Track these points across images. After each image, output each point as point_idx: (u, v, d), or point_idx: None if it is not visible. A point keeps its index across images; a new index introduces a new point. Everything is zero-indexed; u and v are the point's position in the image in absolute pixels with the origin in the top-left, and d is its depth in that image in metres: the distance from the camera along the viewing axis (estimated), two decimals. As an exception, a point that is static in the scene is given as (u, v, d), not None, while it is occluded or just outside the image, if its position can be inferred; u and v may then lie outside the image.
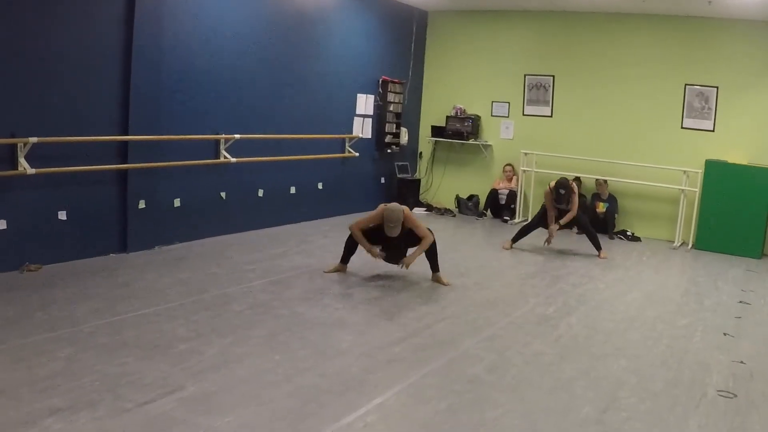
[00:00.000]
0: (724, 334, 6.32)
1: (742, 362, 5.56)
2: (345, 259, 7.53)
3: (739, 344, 6.07)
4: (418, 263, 7.36)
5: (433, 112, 13.07)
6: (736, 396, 4.83)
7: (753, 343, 6.13)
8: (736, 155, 10.68)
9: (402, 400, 4.38)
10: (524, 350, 5.51)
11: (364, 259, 7.58)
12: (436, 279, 7.42)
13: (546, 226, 9.56)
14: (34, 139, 6.44)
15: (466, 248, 9.50)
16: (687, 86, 11.07)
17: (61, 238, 6.99)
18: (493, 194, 12.33)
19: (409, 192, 12.52)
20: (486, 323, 6.15)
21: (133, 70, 7.39)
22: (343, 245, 7.52)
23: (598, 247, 9.55)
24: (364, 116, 11.56)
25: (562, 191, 9.29)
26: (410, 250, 7.35)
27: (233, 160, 8.76)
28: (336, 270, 7.49)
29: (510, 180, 12.34)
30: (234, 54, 8.75)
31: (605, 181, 11.46)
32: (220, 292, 6.43)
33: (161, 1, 7.63)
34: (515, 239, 9.65)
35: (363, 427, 3.94)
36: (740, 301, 7.63)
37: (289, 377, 4.58)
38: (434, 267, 7.43)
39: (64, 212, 6.98)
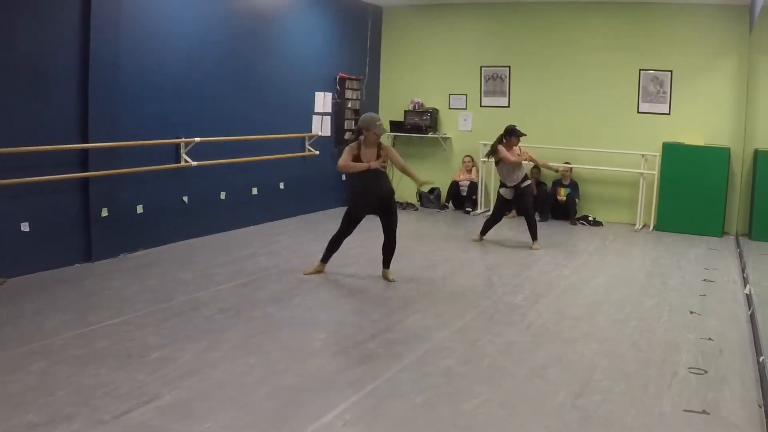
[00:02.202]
0: (691, 313, 6.45)
1: (710, 339, 5.68)
2: (325, 258, 7.44)
3: (706, 321, 6.20)
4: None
5: (392, 107, 13.06)
6: (706, 372, 4.93)
7: (719, 320, 6.27)
8: (693, 137, 10.87)
9: (379, 396, 4.39)
10: (496, 340, 5.55)
11: (333, 258, 7.54)
12: (385, 275, 7.32)
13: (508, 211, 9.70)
14: (-9, 151, 6.34)
15: (431, 241, 9.53)
16: (641, 71, 11.23)
17: (25, 250, 6.87)
18: (454, 186, 12.40)
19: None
20: (456, 315, 6.19)
21: (90, 77, 7.29)
22: (326, 244, 7.42)
23: (534, 237, 9.32)
24: (323, 114, 11.52)
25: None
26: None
27: (194, 163, 8.69)
28: (316, 271, 7.39)
29: (470, 171, 12.42)
30: (191, 57, 8.67)
31: (571, 169, 11.57)
32: (189, 297, 6.39)
33: (117, 7, 7.53)
34: (483, 232, 9.64)
35: (342, 426, 3.94)
36: (704, 280, 7.78)
37: (265, 379, 4.57)
38: (386, 263, 7.35)
39: (27, 224, 6.87)
